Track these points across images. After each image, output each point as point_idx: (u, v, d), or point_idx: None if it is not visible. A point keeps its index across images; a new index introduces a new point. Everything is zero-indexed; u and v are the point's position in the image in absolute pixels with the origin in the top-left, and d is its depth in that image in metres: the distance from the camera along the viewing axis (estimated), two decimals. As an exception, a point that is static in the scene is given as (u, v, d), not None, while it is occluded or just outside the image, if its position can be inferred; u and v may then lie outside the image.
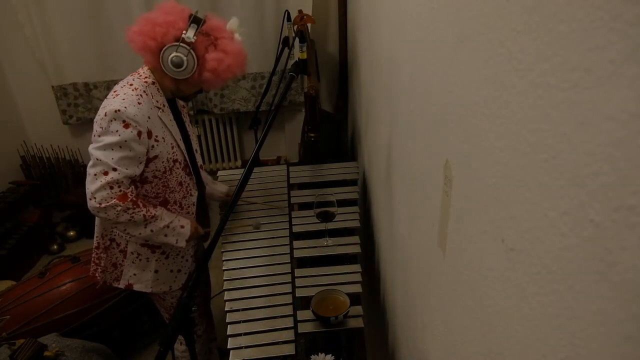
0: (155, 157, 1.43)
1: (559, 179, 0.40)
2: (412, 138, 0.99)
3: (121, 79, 2.79)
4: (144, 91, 1.40)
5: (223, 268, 1.53)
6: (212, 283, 2.03)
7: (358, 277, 1.45)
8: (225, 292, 1.46)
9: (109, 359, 1.93)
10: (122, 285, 1.58)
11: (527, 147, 0.45)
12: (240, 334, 1.33)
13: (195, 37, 1.34)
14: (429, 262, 0.86)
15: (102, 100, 1.47)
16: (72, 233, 3.13)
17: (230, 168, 3.29)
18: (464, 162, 0.64)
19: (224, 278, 1.50)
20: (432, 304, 0.84)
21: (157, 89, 1.45)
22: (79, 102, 3.10)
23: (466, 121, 0.62)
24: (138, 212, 1.38)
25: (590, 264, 0.36)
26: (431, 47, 0.80)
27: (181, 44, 1.34)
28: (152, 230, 1.44)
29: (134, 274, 1.56)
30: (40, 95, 3.09)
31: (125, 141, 1.33)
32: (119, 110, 1.32)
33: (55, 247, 3.03)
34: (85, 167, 1.44)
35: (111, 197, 1.33)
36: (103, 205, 1.33)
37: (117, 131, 1.32)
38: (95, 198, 1.33)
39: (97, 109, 3.39)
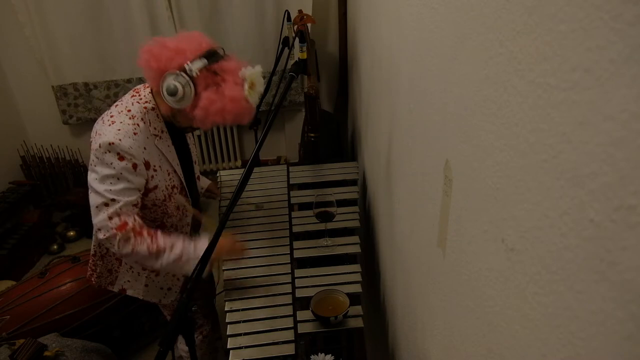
0: (155, 187, 1.41)
1: (559, 179, 0.40)
2: (412, 138, 0.99)
3: (121, 79, 2.80)
4: (142, 119, 1.37)
5: (223, 268, 1.53)
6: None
7: (358, 277, 1.45)
8: (225, 292, 1.46)
9: (109, 359, 1.93)
10: (116, 289, 1.59)
11: (527, 147, 0.45)
12: (240, 334, 1.33)
13: (199, 72, 1.31)
14: (429, 262, 0.86)
15: (102, 100, 1.45)
16: (72, 233, 3.13)
17: (230, 168, 3.30)
18: (464, 162, 0.64)
19: (224, 278, 1.50)
20: (432, 304, 0.84)
21: (157, 114, 1.41)
22: (79, 102, 3.10)
23: (466, 121, 0.62)
24: (140, 242, 1.34)
25: (590, 264, 0.36)
26: (431, 47, 0.80)
27: (182, 73, 1.30)
28: (162, 264, 1.37)
29: (128, 281, 1.58)
30: (40, 95, 3.09)
31: (121, 174, 1.31)
32: (113, 143, 1.29)
33: (55, 247, 3.03)
34: (85, 167, 1.43)
35: (111, 228, 1.32)
36: (106, 236, 1.33)
37: (111, 164, 1.30)
38: (100, 230, 1.34)
39: (97, 109, 3.37)
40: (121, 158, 1.31)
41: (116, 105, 1.40)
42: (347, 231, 1.64)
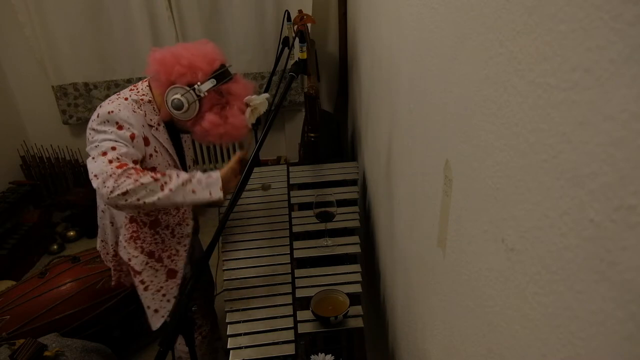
0: (154, 168, 1.38)
1: (559, 179, 0.40)
2: (412, 138, 0.99)
3: (121, 79, 2.81)
4: (139, 107, 1.36)
5: (223, 268, 1.53)
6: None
7: (358, 277, 1.45)
8: (225, 292, 1.46)
9: (109, 359, 1.93)
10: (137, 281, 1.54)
11: (527, 147, 0.45)
12: (240, 334, 1.33)
13: (207, 92, 1.32)
14: (429, 262, 0.86)
15: (102, 100, 1.45)
16: (72, 233, 3.13)
17: (230, 168, 3.29)
18: (464, 162, 0.64)
19: (224, 278, 1.50)
20: (432, 304, 0.84)
21: (153, 108, 1.39)
22: (79, 102, 3.10)
23: (466, 121, 0.62)
24: (144, 175, 1.23)
25: (590, 264, 0.36)
26: (431, 47, 0.80)
27: (190, 90, 1.32)
28: (171, 190, 1.25)
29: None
30: (40, 95, 3.09)
31: (119, 141, 1.26)
32: (112, 112, 1.28)
33: (55, 247, 3.04)
34: (85, 166, 1.43)
35: (110, 169, 1.20)
36: (103, 179, 1.19)
37: (110, 132, 1.26)
38: (96, 176, 1.20)
39: (97, 109, 3.33)
40: (120, 127, 1.28)
41: (114, 96, 1.40)
42: (347, 231, 1.64)
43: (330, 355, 1.21)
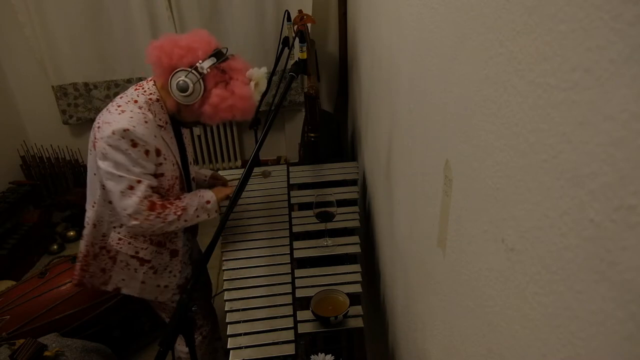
0: (162, 174, 1.44)
1: (559, 179, 0.40)
2: (412, 138, 0.99)
3: (121, 79, 2.81)
4: (149, 109, 1.40)
5: (223, 268, 1.53)
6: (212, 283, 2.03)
7: (358, 277, 1.45)
8: (225, 292, 1.46)
9: (109, 359, 1.93)
10: (110, 288, 1.60)
11: (527, 147, 0.45)
12: (240, 334, 1.33)
13: (209, 69, 1.35)
14: (429, 262, 0.86)
15: (102, 100, 1.46)
16: (72, 233, 3.13)
17: (230, 168, 3.30)
18: (464, 162, 0.64)
19: (224, 278, 1.50)
20: (432, 304, 0.84)
21: (161, 106, 1.44)
22: (79, 102, 3.10)
23: (466, 121, 0.62)
24: (168, 213, 1.42)
25: (590, 264, 0.36)
26: (431, 47, 0.80)
27: (193, 70, 1.34)
28: (185, 220, 1.48)
29: (123, 279, 1.58)
30: (40, 95, 3.09)
31: (136, 160, 1.35)
32: (127, 130, 1.32)
33: (55, 247, 3.03)
34: (85, 167, 1.44)
35: (143, 210, 1.37)
36: (139, 220, 1.37)
37: (126, 150, 1.33)
38: (130, 215, 1.37)
39: (97, 109, 3.37)
40: (134, 145, 1.34)
41: (121, 97, 1.42)
42: (347, 231, 1.64)
43: (330, 355, 1.21)
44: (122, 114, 1.35)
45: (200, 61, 1.35)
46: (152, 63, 1.38)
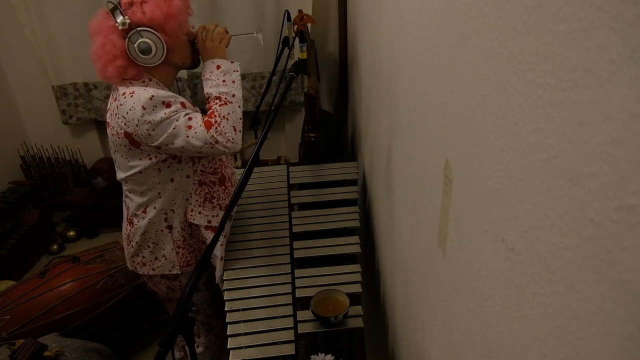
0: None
1: (559, 179, 0.40)
2: (412, 138, 0.99)
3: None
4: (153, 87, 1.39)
5: (223, 268, 1.53)
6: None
7: (358, 277, 1.45)
8: (225, 292, 1.46)
9: (109, 359, 1.93)
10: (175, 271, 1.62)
11: (527, 147, 0.45)
12: (240, 334, 1.33)
13: (127, 18, 1.29)
14: (429, 262, 0.86)
15: (102, 100, 1.46)
16: (72, 233, 3.13)
17: (230, 168, 3.29)
18: (464, 162, 0.64)
19: (224, 278, 1.50)
20: (432, 304, 0.84)
21: (156, 82, 1.43)
22: (79, 102, 3.10)
23: (466, 121, 0.62)
24: (220, 116, 1.36)
25: (590, 264, 0.36)
26: (431, 47, 0.80)
27: (128, 35, 1.30)
28: (233, 96, 1.42)
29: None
30: (40, 95, 3.09)
31: (176, 112, 1.33)
32: (153, 96, 1.30)
33: (55, 247, 3.04)
34: (85, 166, 1.43)
35: (208, 135, 1.33)
36: (219, 138, 1.34)
37: (164, 112, 1.31)
38: (214, 144, 1.34)
39: (97, 109, 3.37)
40: (168, 104, 1.32)
41: (119, 93, 1.39)
42: (347, 231, 1.64)
43: (330, 355, 1.21)
44: (135, 94, 1.33)
45: (116, 23, 1.29)
46: (109, 73, 1.35)
